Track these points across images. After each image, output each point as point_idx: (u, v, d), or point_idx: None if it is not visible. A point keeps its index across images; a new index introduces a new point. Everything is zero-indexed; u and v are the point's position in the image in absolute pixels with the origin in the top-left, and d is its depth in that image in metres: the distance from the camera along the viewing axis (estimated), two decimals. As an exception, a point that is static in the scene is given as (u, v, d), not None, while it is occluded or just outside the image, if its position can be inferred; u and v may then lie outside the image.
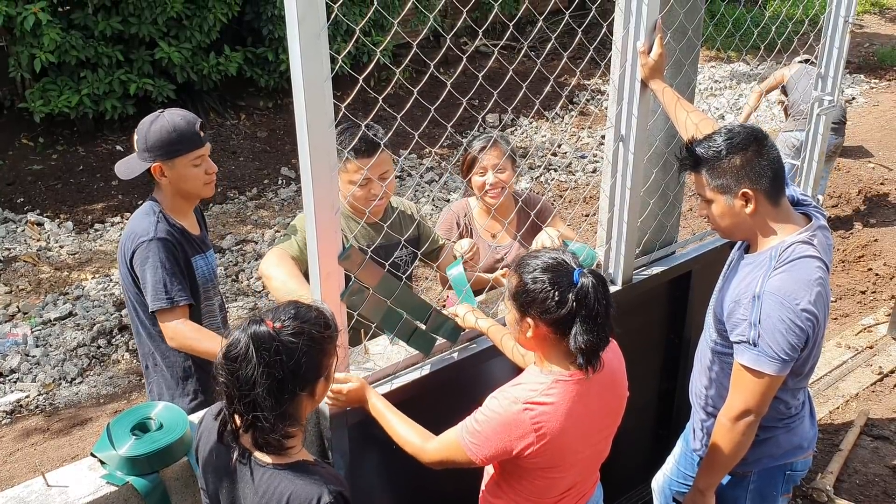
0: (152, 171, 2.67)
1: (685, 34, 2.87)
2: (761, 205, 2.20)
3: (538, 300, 1.90)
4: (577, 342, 1.88)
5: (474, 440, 1.95)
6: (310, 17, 1.73)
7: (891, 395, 4.48)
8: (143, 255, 2.62)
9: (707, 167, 2.21)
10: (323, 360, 1.74)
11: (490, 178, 3.11)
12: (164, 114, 2.68)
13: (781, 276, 2.15)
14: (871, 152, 8.35)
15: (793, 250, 2.18)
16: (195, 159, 2.67)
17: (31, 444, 4.45)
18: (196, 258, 2.78)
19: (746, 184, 2.17)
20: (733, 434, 2.27)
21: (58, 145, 8.05)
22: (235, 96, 9.23)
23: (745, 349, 2.19)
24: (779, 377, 2.18)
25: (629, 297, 2.97)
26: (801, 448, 2.47)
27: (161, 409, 2.17)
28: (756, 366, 2.17)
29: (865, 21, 13.85)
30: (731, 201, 2.21)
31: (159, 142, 2.62)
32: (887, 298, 5.58)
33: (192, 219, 2.85)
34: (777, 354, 2.13)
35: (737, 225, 2.25)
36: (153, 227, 2.65)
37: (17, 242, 6.58)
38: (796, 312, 2.11)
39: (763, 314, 2.14)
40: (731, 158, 2.18)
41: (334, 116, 1.86)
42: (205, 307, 2.85)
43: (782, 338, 2.12)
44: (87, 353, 5.23)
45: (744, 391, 2.22)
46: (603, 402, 2.03)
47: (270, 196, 7.65)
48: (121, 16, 7.67)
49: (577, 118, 9.54)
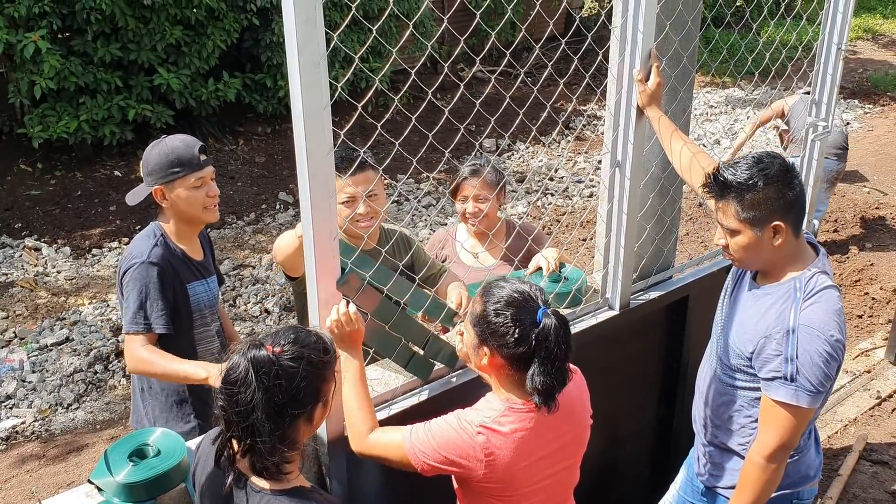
0: (154, 195, 2.69)
1: (680, 61, 2.90)
2: (788, 237, 2.17)
3: (498, 333, 1.88)
4: (533, 382, 1.86)
5: (422, 448, 1.92)
6: (309, 46, 1.74)
7: (889, 419, 4.47)
8: (131, 277, 2.62)
9: (738, 197, 2.16)
10: (321, 385, 1.74)
11: (469, 206, 3.18)
12: (166, 138, 2.71)
13: (814, 308, 2.14)
14: (866, 177, 8.40)
15: (815, 281, 2.17)
16: (195, 182, 2.67)
17: (27, 471, 4.42)
18: (194, 284, 2.78)
19: (778, 216, 2.14)
20: (768, 473, 2.22)
21: (56, 171, 8.07)
22: (234, 122, 9.27)
23: (781, 385, 2.15)
24: (812, 410, 2.17)
25: (626, 322, 2.98)
26: (808, 477, 2.46)
27: (159, 435, 2.16)
28: (794, 401, 2.14)
29: (859, 47, 13.98)
30: (760, 233, 2.16)
31: (158, 165, 2.65)
32: (884, 322, 5.59)
33: (196, 243, 2.86)
34: (815, 387, 2.12)
35: (759, 256, 2.22)
36: (148, 250, 2.65)
37: (14, 268, 6.58)
38: (831, 344, 2.11)
39: (800, 348, 2.12)
40: (766, 190, 2.12)
41: (333, 143, 1.88)
42: (201, 333, 2.84)
43: (820, 371, 2.11)
44: (84, 378, 5.21)
45: (778, 427, 2.18)
46: (559, 433, 2.01)
47: (268, 221, 7.66)
48: (120, 42, 7.72)
49: (573, 143, 9.60)
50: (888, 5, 16.23)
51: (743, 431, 2.41)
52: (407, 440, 1.95)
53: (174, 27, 7.86)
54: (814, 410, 2.19)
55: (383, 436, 2.01)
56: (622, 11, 2.55)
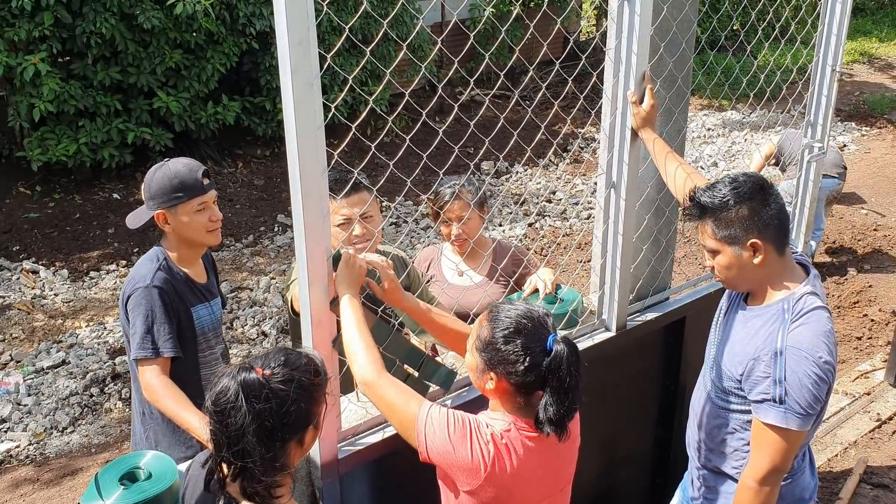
0: (156, 219, 2.69)
1: (675, 82, 2.91)
2: (769, 255, 2.17)
3: (507, 361, 1.85)
4: (546, 413, 1.83)
5: (431, 439, 1.84)
6: (303, 67, 1.75)
7: (890, 441, 4.44)
8: (136, 301, 2.62)
9: (713, 217, 2.18)
10: (312, 407, 1.73)
11: (455, 230, 3.15)
12: (169, 162, 2.71)
13: (801, 330, 2.13)
14: (864, 198, 8.41)
15: (804, 302, 2.16)
16: (198, 206, 2.67)
17: (21, 495, 4.38)
18: (198, 307, 2.78)
19: (754, 234, 2.14)
20: (761, 496, 2.20)
21: (55, 193, 8.08)
22: (233, 145, 9.31)
23: (770, 407, 2.14)
24: (803, 432, 2.15)
25: (623, 344, 2.97)
26: (802, 499, 2.43)
27: (150, 458, 2.14)
28: (784, 423, 2.12)
29: (855, 70, 14.06)
30: (739, 252, 2.17)
31: (161, 189, 2.65)
32: (883, 344, 5.57)
33: (199, 266, 2.86)
34: (804, 410, 2.10)
35: (743, 276, 2.22)
36: (152, 274, 2.66)
37: (11, 290, 6.57)
38: (819, 366, 2.09)
39: (788, 370, 2.11)
40: (739, 208, 2.14)
41: (327, 164, 1.88)
42: (206, 356, 2.84)
43: (809, 393, 2.09)
44: (80, 401, 5.18)
45: (769, 450, 2.16)
46: (555, 454, 1.98)
47: (266, 243, 7.66)
48: (120, 66, 7.76)
49: (570, 165, 9.63)
50: (883, 29, 16.35)
51: (736, 455, 2.39)
52: (422, 417, 1.87)
53: (174, 51, 7.91)
54: (805, 433, 2.16)
55: (401, 394, 1.91)
56: (616, 33, 2.56)
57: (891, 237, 7.40)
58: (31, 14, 7.16)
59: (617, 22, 2.55)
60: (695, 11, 2.91)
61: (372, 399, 1.96)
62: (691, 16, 2.88)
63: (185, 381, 2.75)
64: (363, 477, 2.33)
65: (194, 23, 7.80)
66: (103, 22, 7.33)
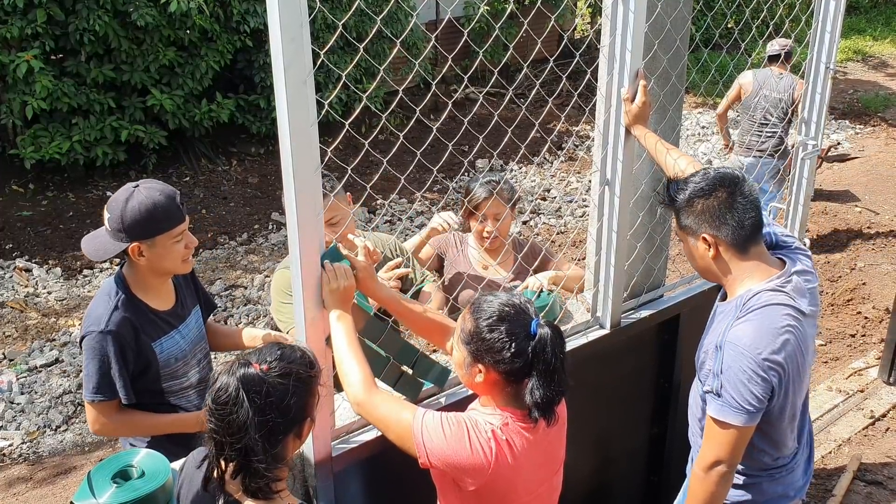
0: (129, 252, 2.46)
1: (669, 80, 2.91)
2: (724, 251, 2.20)
3: (493, 350, 1.86)
4: (533, 397, 1.84)
5: (431, 444, 1.84)
6: (296, 64, 1.75)
7: (883, 438, 4.46)
8: (88, 345, 2.46)
9: (676, 207, 2.26)
10: (309, 399, 1.74)
11: (489, 226, 3.16)
12: (140, 189, 2.43)
13: (743, 326, 2.14)
14: (858, 196, 8.43)
15: (758, 299, 2.16)
16: (177, 236, 2.47)
17: (14, 494, 4.37)
18: (161, 340, 2.58)
19: (706, 229, 2.19)
20: (706, 484, 2.23)
21: (48, 191, 8.05)
22: (227, 142, 9.28)
23: (712, 399, 2.18)
24: (747, 427, 2.15)
25: (618, 341, 2.97)
26: (786, 497, 2.44)
27: (143, 456, 2.14)
28: (721, 416, 2.15)
29: (849, 68, 14.09)
30: (696, 243, 2.24)
31: (138, 221, 2.39)
32: (877, 342, 5.58)
33: (165, 291, 2.65)
34: (741, 405, 2.11)
35: (706, 267, 2.28)
36: (107, 315, 2.46)
37: (4, 288, 6.54)
38: (758, 362, 2.09)
39: (724, 364, 2.13)
40: (694, 202, 2.20)
41: (321, 161, 1.87)
42: (173, 386, 2.67)
43: (744, 388, 2.10)
44: (73, 400, 5.16)
45: (713, 442, 2.20)
46: (549, 442, 2.00)
47: (260, 241, 7.64)
48: (113, 63, 7.74)
49: (564, 163, 9.63)
50: (877, 27, 16.38)
51: None
52: (417, 426, 1.86)
53: (167, 48, 7.88)
54: (749, 429, 2.16)
55: (392, 406, 1.92)
56: (610, 31, 2.56)
57: (884, 235, 7.42)
58: (23, 11, 7.14)
59: (611, 19, 2.54)
60: (689, 9, 2.91)
61: (366, 418, 1.97)
62: (686, 13, 2.88)
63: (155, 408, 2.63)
64: (357, 474, 2.33)
65: (188, 20, 7.78)
66: (97, 19, 7.31)
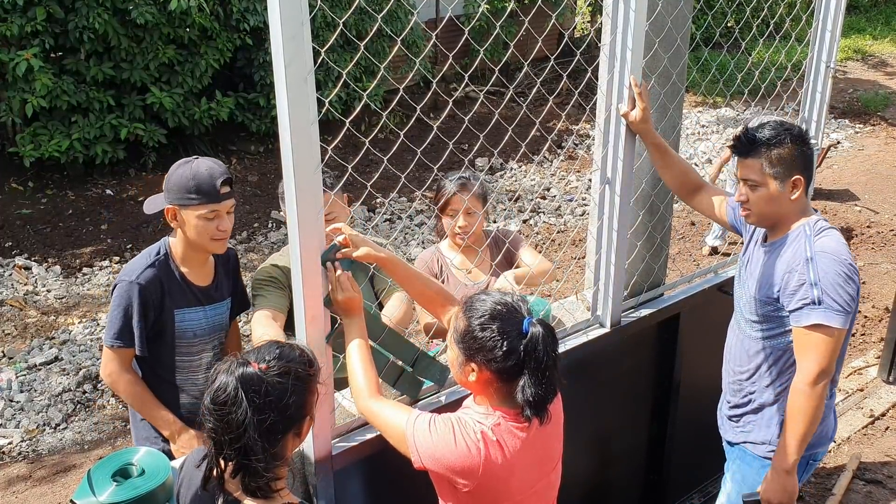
0: (165, 213, 2.62)
1: (669, 79, 2.91)
2: (803, 192, 2.39)
3: (485, 348, 1.86)
4: (524, 395, 1.84)
5: (422, 447, 1.88)
6: (297, 62, 1.75)
7: (883, 438, 4.46)
8: (117, 293, 2.63)
9: (766, 153, 2.36)
10: (309, 398, 1.73)
11: (460, 220, 3.11)
12: (196, 161, 2.60)
13: (825, 240, 2.35)
14: (857, 195, 8.43)
15: (820, 224, 2.41)
16: (209, 213, 2.57)
17: (13, 493, 4.37)
18: (184, 311, 2.69)
19: (798, 172, 2.36)
20: (813, 399, 2.32)
21: (47, 189, 8.05)
22: (227, 141, 9.28)
23: (811, 310, 2.30)
24: (844, 331, 2.30)
25: (618, 340, 2.97)
26: (827, 438, 2.60)
27: (143, 454, 2.13)
28: (825, 321, 2.27)
29: (849, 67, 14.09)
30: (782, 187, 2.37)
31: (176, 186, 2.56)
32: (877, 341, 5.58)
33: (205, 269, 2.76)
34: (841, 307, 2.28)
35: (775, 210, 2.42)
36: (141, 269, 2.62)
37: (4, 287, 6.54)
38: (847, 265, 2.31)
39: (820, 271, 2.29)
40: (791, 147, 2.35)
41: (321, 159, 1.87)
42: (183, 361, 2.76)
43: (842, 290, 2.27)
44: (73, 398, 5.16)
45: (815, 353, 2.31)
46: (544, 441, 2.00)
47: (260, 239, 7.64)
48: (113, 61, 7.73)
49: (565, 162, 9.63)
50: (877, 26, 16.38)
51: (775, 384, 2.54)
52: (409, 430, 1.91)
53: (167, 46, 7.88)
54: (844, 331, 2.31)
55: (390, 411, 1.99)
56: (611, 29, 2.56)
57: (884, 234, 7.42)
58: (23, 9, 7.13)
59: (612, 18, 2.54)
60: (690, 8, 2.90)
61: (371, 422, 2.05)
62: (686, 12, 2.88)
63: (160, 381, 2.74)
64: (357, 473, 2.33)
65: (188, 18, 7.77)
66: (96, 17, 7.30)
